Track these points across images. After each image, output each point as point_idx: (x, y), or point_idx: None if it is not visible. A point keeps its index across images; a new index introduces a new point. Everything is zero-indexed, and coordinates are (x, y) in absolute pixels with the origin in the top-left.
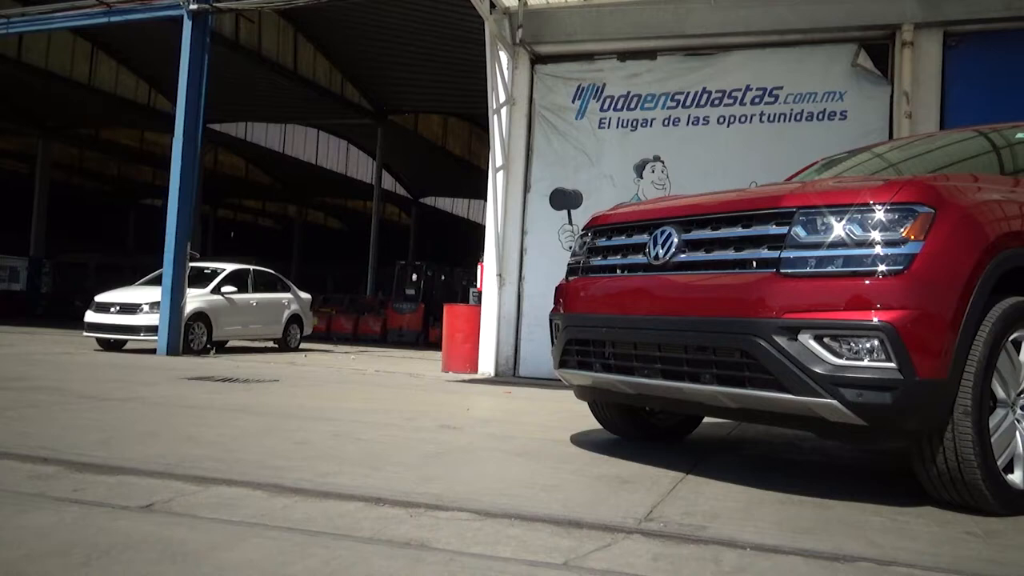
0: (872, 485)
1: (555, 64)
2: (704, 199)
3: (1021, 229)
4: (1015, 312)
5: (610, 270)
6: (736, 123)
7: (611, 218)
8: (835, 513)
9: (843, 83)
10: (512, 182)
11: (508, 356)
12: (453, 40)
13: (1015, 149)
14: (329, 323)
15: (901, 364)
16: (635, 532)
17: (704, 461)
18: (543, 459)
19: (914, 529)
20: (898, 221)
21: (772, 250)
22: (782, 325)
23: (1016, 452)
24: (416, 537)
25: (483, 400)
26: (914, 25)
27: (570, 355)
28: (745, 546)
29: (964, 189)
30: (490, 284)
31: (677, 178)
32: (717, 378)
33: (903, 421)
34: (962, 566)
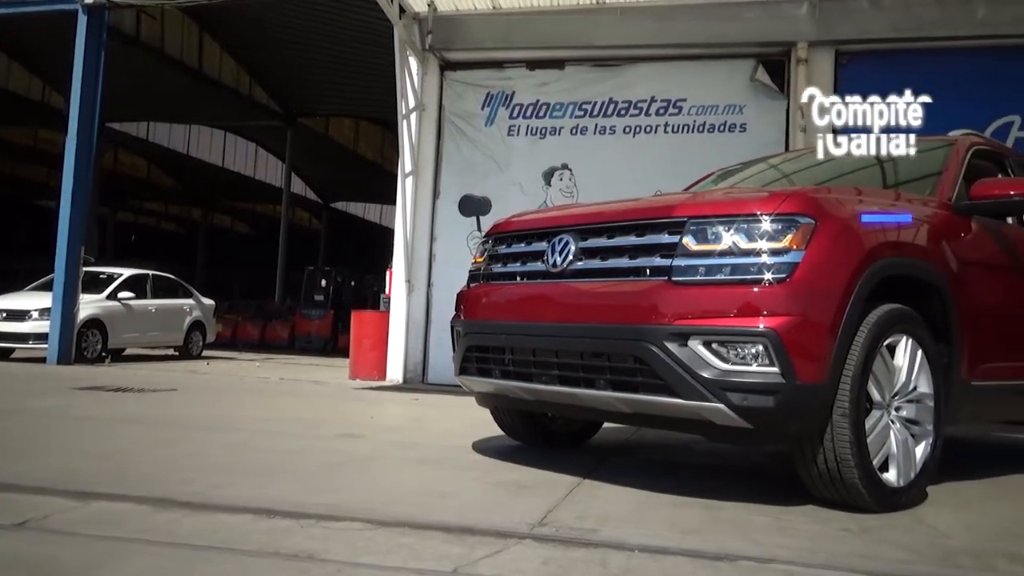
0: (761, 486)
1: (465, 71)
2: (600, 208)
3: (896, 240)
4: (889, 318)
5: (510, 277)
6: (642, 133)
7: (511, 225)
8: (723, 514)
9: (743, 97)
10: (421, 188)
11: (416, 363)
12: (365, 44)
13: (897, 162)
14: (234, 330)
15: (783, 369)
16: (527, 537)
17: (602, 465)
18: (443, 466)
19: (796, 527)
20: (781, 231)
21: (664, 258)
22: (673, 332)
23: (891, 452)
24: (305, 548)
25: (389, 407)
26: (808, 43)
27: (470, 362)
28: (634, 548)
29: (844, 201)
30: (399, 290)
31: (584, 186)
32: (612, 384)
33: (785, 423)
34: (836, 561)
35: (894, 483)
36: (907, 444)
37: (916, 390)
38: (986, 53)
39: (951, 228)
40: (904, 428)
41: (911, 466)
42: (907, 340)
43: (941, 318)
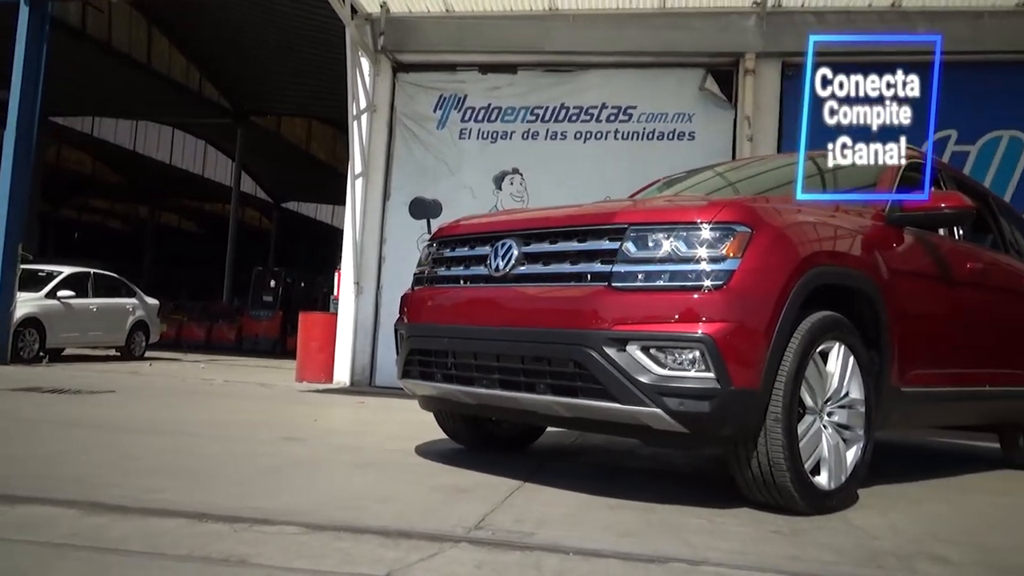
0: (699, 489)
1: (417, 73)
2: (543, 213)
3: (830, 249)
4: (823, 325)
5: (453, 280)
6: (592, 139)
7: (456, 229)
8: (659, 516)
9: (692, 105)
10: (371, 190)
11: (364, 365)
12: (317, 43)
13: (837, 173)
14: (179, 330)
15: (719, 374)
16: (463, 541)
17: (543, 469)
18: (384, 470)
19: (728, 530)
20: (719, 239)
21: (605, 264)
22: (611, 337)
23: (822, 456)
24: (236, 553)
25: (334, 411)
26: (756, 54)
27: (412, 365)
28: (569, 551)
29: (781, 211)
30: (347, 292)
31: (535, 191)
32: (552, 388)
33: (720, 428)
34: (765, 563)
35: (825, 486)
36: (838, 448)
37: (848, 396)
38: (925, 68)
39: (884, 239)
40: (836, 433)
41: (842, 470)
42: (839, 347)
43: (873, 326)
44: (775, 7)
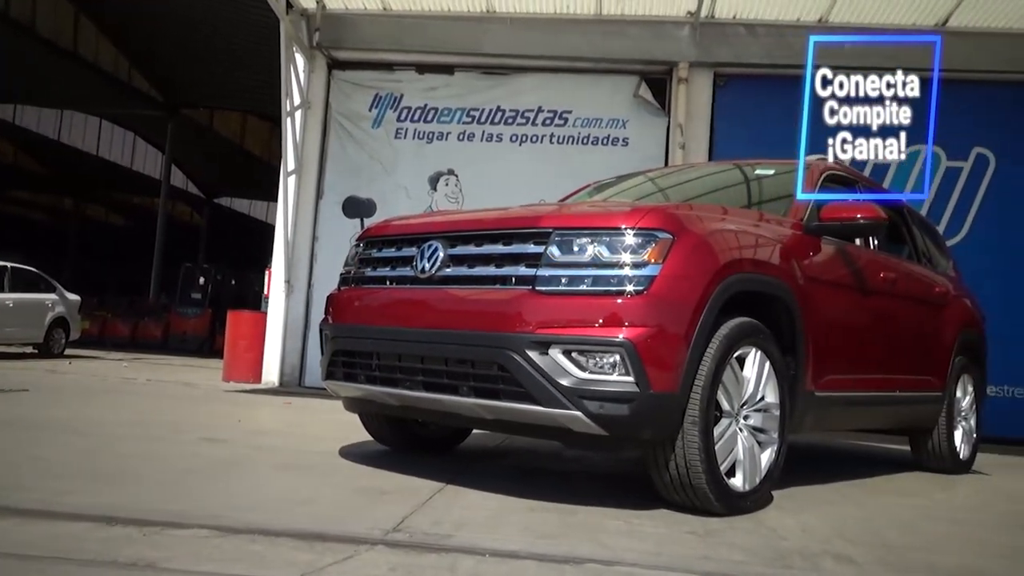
0: (620, 491)
1: (353, 71)
2: (470, 216)
3: (749, 257)
4: (740, 331)
5: (379, 281)
6: (528, 142)
7: (383, 230)
8: (578, 518)
9: (626, 112)
10: (304, 187)
11: (294, 365)
12: (252, 37)
13: (762, 183)
14: (103, 327)
15: (638, 378)
16: (379, 543)
17: (467, 471)
18: (306, 472)
19: (645, 531)
20: (641, 245)
21: (529, 268)
22: (534, 340)
23: (738, 458)
24: (145, 557)
25: (260, 411)
26: (689, 64)
27: (336, 366)
28: (485, 553)
29: (703, 218)
30: (277, 291)
31: (470, 192)
32: (475, 390)
33: (639, 431)
34: (677, 563)
35: (740, 488)
36: (753, 451)
37: (763, 400)
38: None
39: (801, 247)
40: (751, 436)
41: (756, 472)
42: (756, 352)
43: (788, 332)
44: (708, 18)
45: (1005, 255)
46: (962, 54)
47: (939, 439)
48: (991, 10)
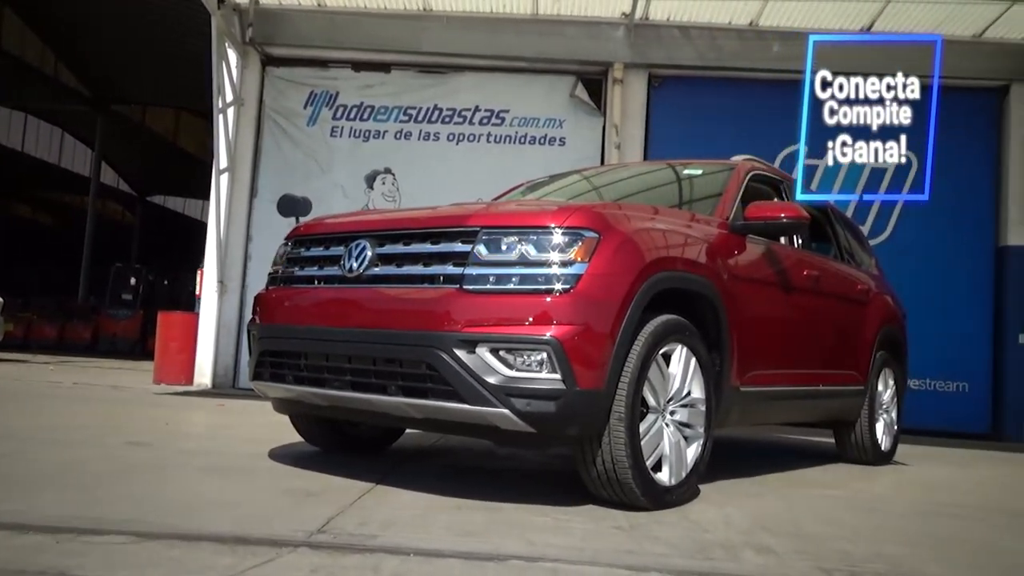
0: (549, 488)
1: (288, 68)
2: (398, 215)
3: (674, 255)
4: (665, 329)
5: (307, 281)
6: (465, 141)
7: (311, 229)
8: (506, 516)
9: (563, 111)
10: (238, 186)
11: (228, 367)
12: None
13: (690, 182)
14: (28, 330)
15: (564, 375)
16: (303, 545)
17: (399, 470)
18: (233, 475)
19: (571, 526)
20: (568, 244)
21: (457, 267)
22: (462, 339)
23: (664, 453)
24: (56, 565)
25: (189, 414)
26: (624, 65)
27: (264, 367)
28: (409, 552)
29: (630, 217)
30: (210, 291)
31: (407, 191)
32: (403, 390)
33: (566, 427)
34: (600, 557)
35: (666, 482)
36: (679, 446)
37: (689, 395)
38: (781, 85)
39: (727, 246)
40: (677, 431)
41: (682, 466)
42: (682, 349)
43: (714, 329)
44: (642, 20)
45: (927, 254)
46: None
47: (861, 432)
48: (912, 17)
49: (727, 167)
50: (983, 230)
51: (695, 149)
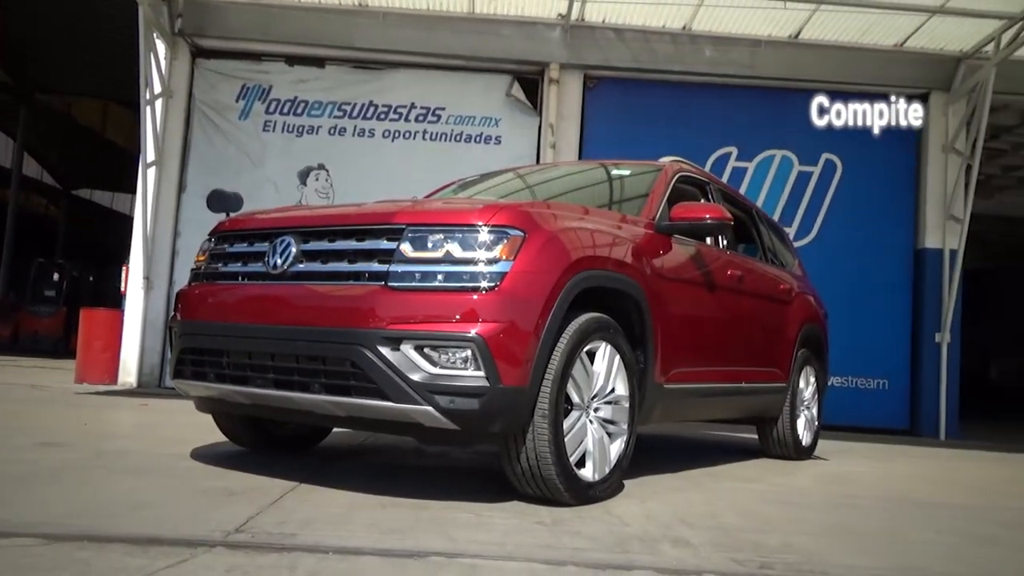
0: (477, 485)
1: (219, 60)
2: (324, 211)
3: (599, 254)
4: (590, 327)
5: (231, 277)
6: (401, 138)
7: (235, 224)
8: (430, 513)
9: (499, 110)
10: (166, 180)
11: (154, 365)
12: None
13: (619, 182)
14: None
15: (488, 373)
16: (218, 545)
17: (324, 469)
18: (152, 475)
19: (494, 523)
20: (493, 242)
21: (382, 264)
22: (386, 336)
23: (587, 449)
24: None
25: (111, 414)
26: (560, 65)
27: (184, 364)
28: (328, 551)
29: (556, 216)
30: (135, 288)
31: (341, 188)
32: (326, 387)
33: (490, 424)
34: (519, 552)
35: (590, 478)
36: (603, 442)
37: (613, 392)
38: (712, 89)
39: (652, 246)
40: (601, 427)
41: (606, 462)
42: (606, 346)
43: (639, 327)
44: (578, 21)
45: (850, 255)
46: (812, 65)
47: (783, 427)
48: (838, 26)
49: (655, 168)
50: (903, 233)
51: (629, 150)
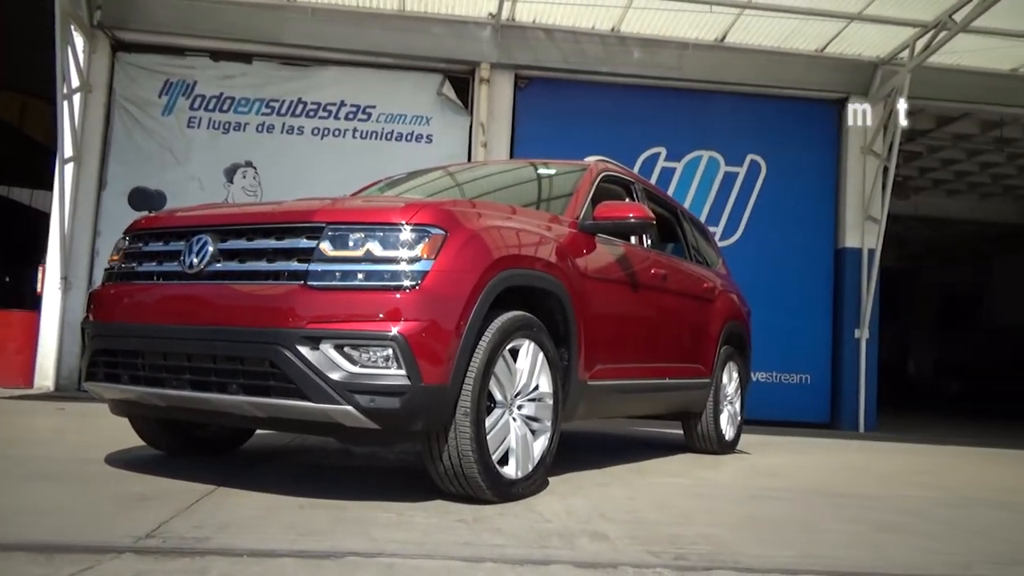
0: (401, 485)
1: (141, 54)
2: (242, 209)
3: (522, 253)
4: (512, 325)
5: (146, 277)
6: (330, 136)
7: (151, 223)
8: (350, 513)
9: (430, 109)
10: (85, 177)
11: (72, 368)
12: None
13: (545, 181)
14: None
15: (409, 371)
16: (127, 551)
17: (246, 472)
18: (63, 480)
19: (415, 522)
20: (414, 241)
21: (302, 263)
22: (305, 335)
23: (510, 447)
24: None
25: (24, 419)
26: (490, 65)
27: (97, 366)
28: (242, 553)
29: (479, 215)
30: (53, 288)
31: (270, 185)
32: (244, 388)
33: (411, 423)
34: (439, 550)
35: (512, 475)
36: (526, 439)
37: (537, 390)
38: (641, 90)
39: (575, 244)
40: (524, 424)
41: (529, 459)
42: (529, 344)
43: (562, 325)
44: (509, 21)
45: (774, 254)
46: (738, 68)
47: (707, 423)
48: (761, 30)
49: (580, 168)
50: (824, 233)
51: (560, 149)
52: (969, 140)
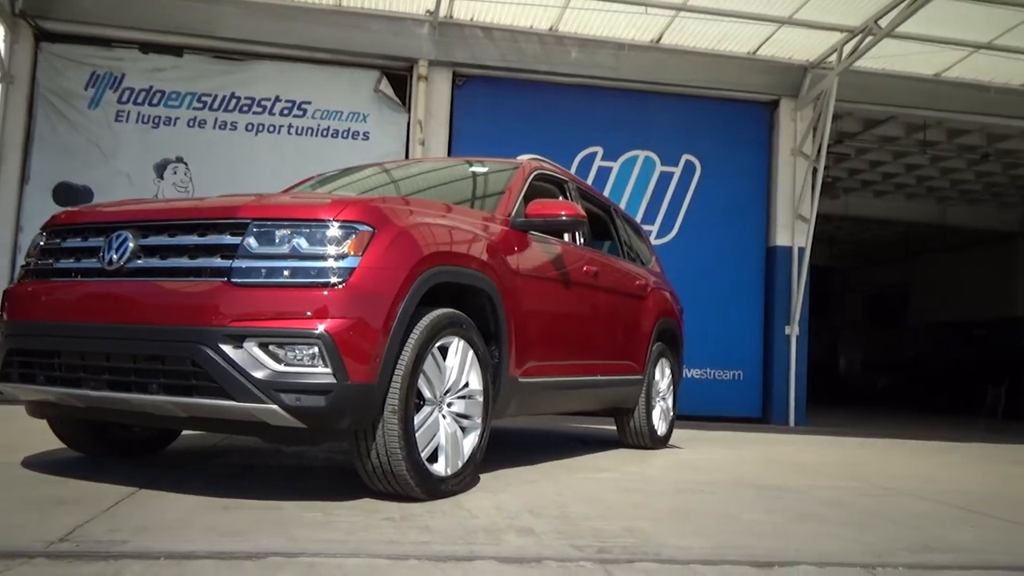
0: (331, 484)
1: (66, 45)
2: (164, 205)
3: (451, 251)
4: (441, 322)
5: (64, 274)
6: (265, 132)
7: (70, 218)
8: (277, 514)
9: (367, 106)
10: (6, 171)
11: None
12: None
13: (478, 179)
14: None
15: (335, 369)
16: (39, 556)
17: (170, 473)
18: None
19: (341, 520)
20: (341, 238)
21: (225, 259)
22: (228, 333)
23: (440, 444)
24: None
25: None
26: (428, 62)
27: (12, 367)
28: (159, 556)
29: (408, 212)
30: None
31: (201, 182)
32: (165, 387)
33: (337, 422)
34: (363, 548)
35: (442, 473)
36: (456, 436)
37: (467, 387)
38: (579, 89)
39: (507, 242)
40: (454, 422)
41: (459, 456)
42: (459, 341)
43: (492, 322)
44: (447, 18)
45: (708, 252)
46: (673, 69)
47: (639, 418)
48: (696, 32)
49: (513, 166)
50: (756, 232)
51: (498, 148)
52: (895, 142)
